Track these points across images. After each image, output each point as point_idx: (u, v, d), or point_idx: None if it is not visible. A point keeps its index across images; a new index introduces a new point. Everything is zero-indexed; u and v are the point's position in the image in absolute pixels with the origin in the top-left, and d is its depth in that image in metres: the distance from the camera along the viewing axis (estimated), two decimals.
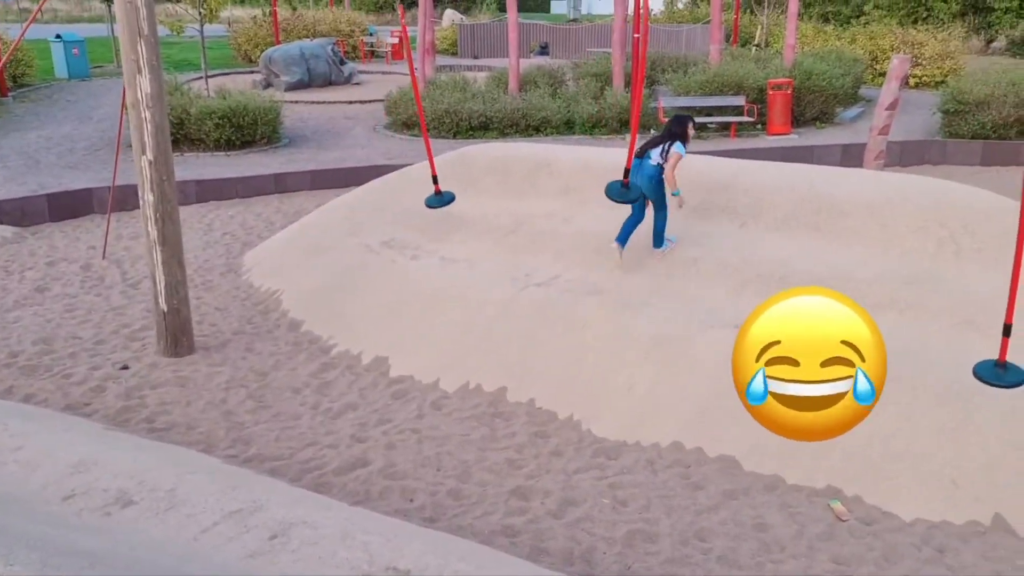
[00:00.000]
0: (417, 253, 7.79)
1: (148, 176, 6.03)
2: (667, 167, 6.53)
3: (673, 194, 6.64)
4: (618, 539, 4.37)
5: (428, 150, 7.16)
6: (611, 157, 8.56)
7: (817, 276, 6.16)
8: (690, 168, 8.08)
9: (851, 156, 13.33)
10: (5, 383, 5.91)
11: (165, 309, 6.30)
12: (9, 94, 17.63)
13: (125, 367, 6.25)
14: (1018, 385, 4.59)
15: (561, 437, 5.43)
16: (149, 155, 5.98)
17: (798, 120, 15.84)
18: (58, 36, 21.46)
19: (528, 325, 6.41)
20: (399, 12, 7.50)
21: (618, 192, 5.76)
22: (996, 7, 27.77)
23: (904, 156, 13.74)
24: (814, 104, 15.82)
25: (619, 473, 5.02)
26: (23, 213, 10.02)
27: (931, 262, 6.12)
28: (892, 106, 9.66)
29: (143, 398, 5.79)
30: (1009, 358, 3.86)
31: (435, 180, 7.01)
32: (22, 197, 10.15)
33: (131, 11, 5.69)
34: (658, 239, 6.84)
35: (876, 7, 28.06)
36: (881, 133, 9.81)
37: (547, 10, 67.53)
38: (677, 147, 6.54)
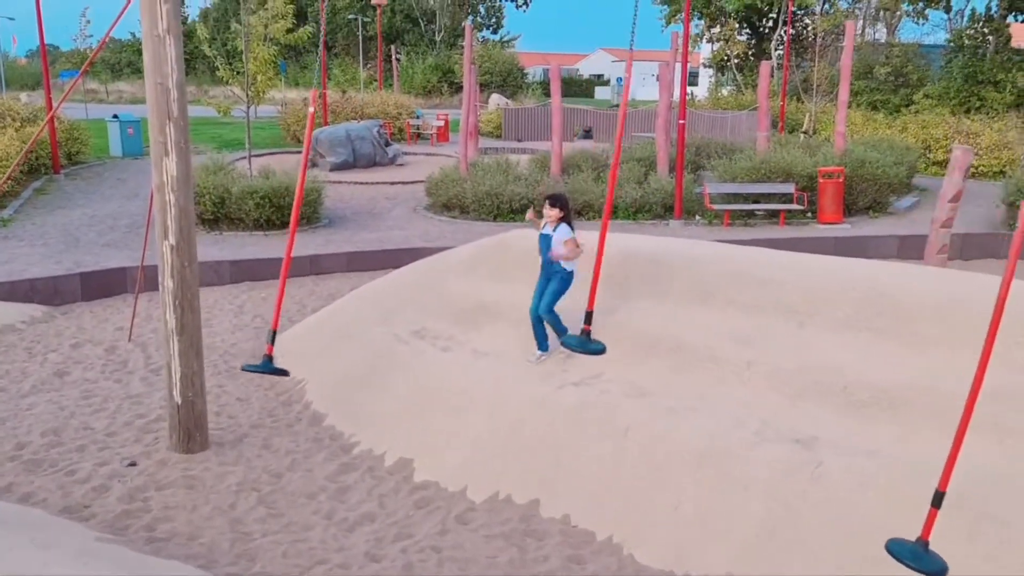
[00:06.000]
0: (448, 344, 7.37)
1: (169, 261, 5.77)
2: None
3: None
4: None
5: (280, 298, 6.18)
6: (654, 246, 8.15)
7: (885, 387, 5.57)
8: (742, 259, 7.63)
9: (909, 248, 12.73)
10: (5, 479, 5.55)
11: (179, 402, 5.94)
12: (61, 171, 18.06)
13: (133, 464, 5.86)
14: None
15: (599, 563, 4.84)
16: (171, 239, 5.74)
17: (850, 209, 15.33)
18: (115, 116, 22.17)
19: (564, 429, 5.90)
20: (312, 97, 6.77)
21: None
22: None
23: (965, 249, 13.07)
24: (867, 193, 15.33)
25: None
26: (56, 291, 9.92)
27: (1021, 373, 5.48)
28: (955, 198, 9.15)
29: (147, 500, 5.36)
30: None
31: (272, 338, 6.19)
32: (56, 276, 10.07)
33: (162, 93, 5.54)
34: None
35: (926, 96, 27.74)
36: (944, 226, 9.27)
37: (591, 95, 68.87)
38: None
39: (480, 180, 15.26)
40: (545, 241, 6.50)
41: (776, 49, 35.76)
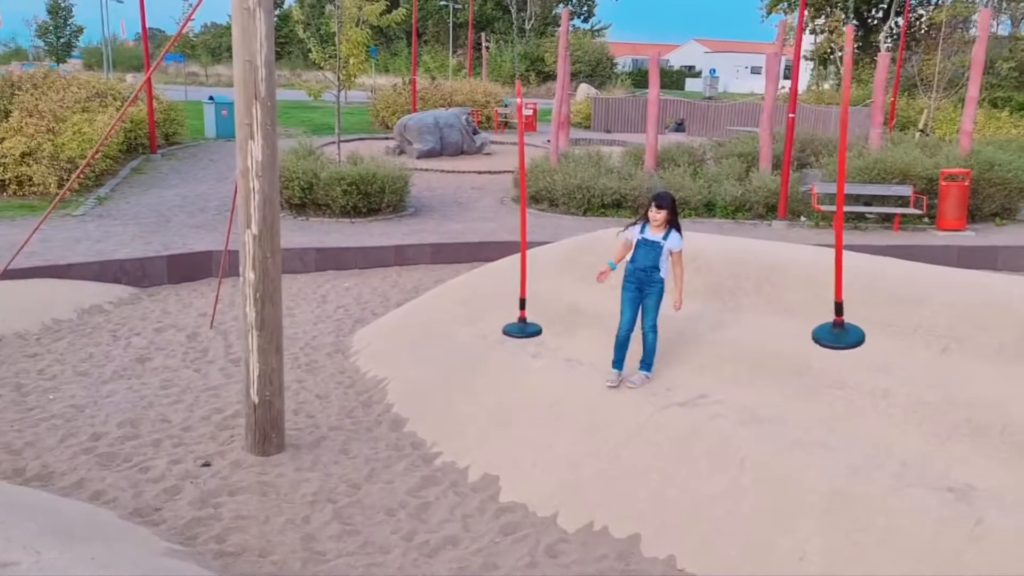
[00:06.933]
0: (538, 350, 6.84)
1: (251, 252, 5.42)
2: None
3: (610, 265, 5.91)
4: None
5: (523, 267, 6.13)
6: (769, 251, 7.41)
7: None
8: (870, 271, 6.82)
9: None
10: (78, 473, 5.32)
11: (256, 401, 5.60)
12: (158, 151, 18.34)
13: (207, 464, 5.55)
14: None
15: None
16: (254, 229, 5.38)
17: (973, 215, 14.05)
18: (211, 98, 22.49)
19: (668, 456, 5.29)
20: (516, 88, 7.04)
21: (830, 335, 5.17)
22: None
23: None
24: (994, 198, 14.01)
25: None
26: (144, 273, 9.85)
27: None
28: None
29: (218, 507, 5.03)
30: None
31: (523, 304, 6.05)
32: (144, 257, 10.00)
33: (250, 71, 5.17)
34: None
35: None
36: None
37: (681, 87, 67.10)
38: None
39: (571, 172, 14.66)
40: (651, 249, 5.77)
41: (885, 41, 33.75)
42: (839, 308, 5.23)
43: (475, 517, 5.17)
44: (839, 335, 5.22)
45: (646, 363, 5.96)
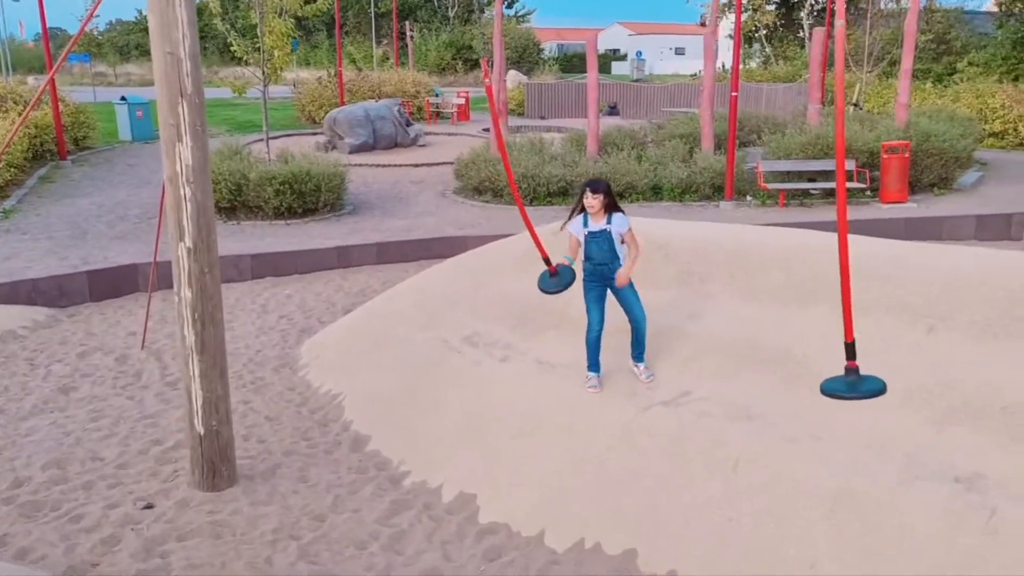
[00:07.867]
0: (507, 353, 6.42)
1: (186, 267, 4.83)
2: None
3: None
4: None
5: (527, 221, 5.77)
6: (735, 236, 7.15)
7: None
8: (828, 248, 6.61)
9: (989, 229, 11.65)
10: (0, 528, 4.67)
11: (202, 432, 5.02)
12: (68, 158, 17.16)
13: (149, 506, 4.96)
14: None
15: None
16: (188, 241, 4.79)
17: (913, 186, 14.20)
18: (123, 98, 21.24)
19: (658, 460, 4.95)
20: (483, 68, 6.73)
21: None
22: None
23: None
24: (932, 169, 14.19)
25: None
26: (61, 292, 9.01)
27: None
28: None
29: (166, 556, 4.46)
30: None
31: (547, 261, 5.65)
32: (61, 274, 9.15)
33: (172, 65, 4.57)
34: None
35: (971, 64, 26.34)
36: None
37: (608, 70, 67.31)
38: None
39: (514, 161, 14.23)
40: (602, 240, 5.34)
41: (808, 19, 34.33)
42: (851, 350, 4.28)
43: (455, 543, 4.74)
44: (854, 383, 4.23)
45: (641, 353, 5.64)
